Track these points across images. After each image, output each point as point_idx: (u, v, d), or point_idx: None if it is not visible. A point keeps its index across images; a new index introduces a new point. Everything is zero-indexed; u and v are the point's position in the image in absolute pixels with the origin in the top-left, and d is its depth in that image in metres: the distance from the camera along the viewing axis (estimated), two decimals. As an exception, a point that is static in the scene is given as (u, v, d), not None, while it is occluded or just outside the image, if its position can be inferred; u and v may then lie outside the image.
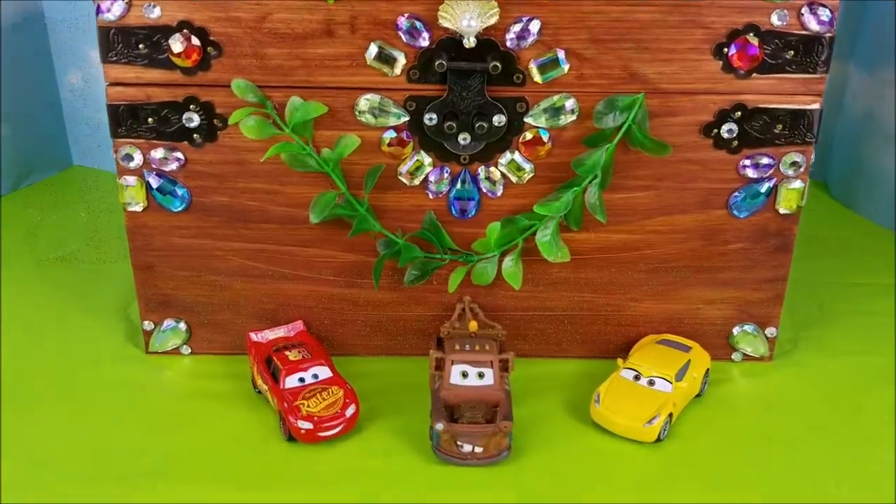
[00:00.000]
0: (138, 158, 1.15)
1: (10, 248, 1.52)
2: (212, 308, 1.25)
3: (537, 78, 1.10)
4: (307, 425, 1.10)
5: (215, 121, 1.13)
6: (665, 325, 1.25)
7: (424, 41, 1.09)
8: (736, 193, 1.17)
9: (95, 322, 1.34)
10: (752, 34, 1.08)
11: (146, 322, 1.26)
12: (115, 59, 1.10)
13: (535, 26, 1.08)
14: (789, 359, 1.28)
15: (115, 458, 1.10)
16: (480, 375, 1.10)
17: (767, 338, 1.27)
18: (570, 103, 1.12)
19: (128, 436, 1.13)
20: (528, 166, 1.16)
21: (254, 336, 1.22)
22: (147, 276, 1.23)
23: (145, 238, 1.20)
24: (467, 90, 1.10)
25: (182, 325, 1.26)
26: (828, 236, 1.57)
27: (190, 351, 1.28)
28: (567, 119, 1.12)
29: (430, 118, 1.12)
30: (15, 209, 1.65)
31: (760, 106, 1.12)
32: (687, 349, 1.20)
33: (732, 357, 1.28)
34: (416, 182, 1.17)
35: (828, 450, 1.12)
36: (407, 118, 1.12)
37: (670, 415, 1.13)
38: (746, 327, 1.27)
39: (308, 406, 1.11)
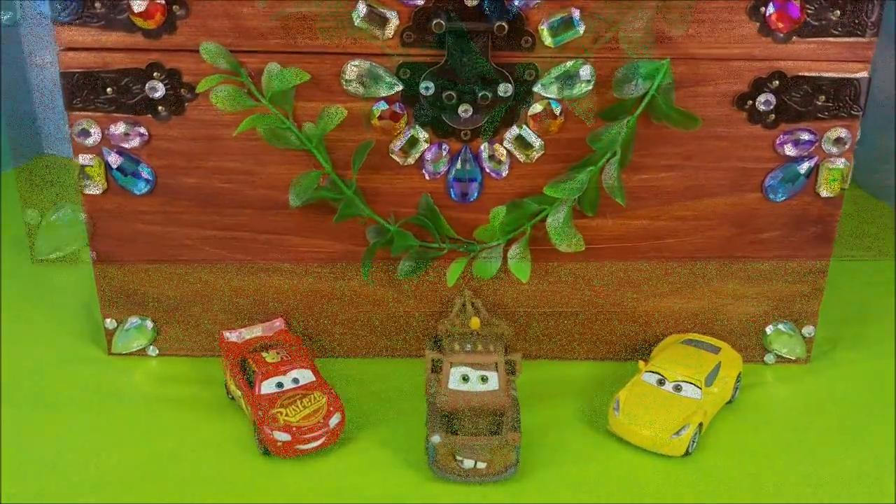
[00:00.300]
0: (96, 134, 1.12)
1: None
2: (181, 304, 1.21)
3: (548, 41, 1.06)
4: (284, 437, 1.05)
5: (182, 90, 1.09)
6: (689, 323, 1.22)
7: (420, -2, 1.03)
8: (772, 174, 1.13)
9: (53, 320, 1.31)
10: (793, -9, 1.03)
11: (108, 320, 1.23)
12: (67, 19, 1.06)
13: (546, -19, 1.02)
14: (827, 360, 1.25)
15: (69, 471, 1.05)
16: (483, 379, 1.06)
17: (805, 337, 1.24)
18: (585, 70, 1.07)
19: (84, 446, 1.09)
20: (537, 143, 1.11)
21: (228, 335, 1.18)
22: (108, 268, 1.19)
23: (105, 225, 1.16)
24: (469, 55, 1.05)
25: (148, 324, 1.23)
26: (858, 227, 1.56)
27: (157, 352, 1.24)
28: (582, 88, 1.08)
29: (426, 87, 1.07)
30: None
31: (801, 74, 1.08)
32: (716, 350, 1.17)
33: (765, 359, 1.25)
34: (411, 161, 1.12)
35: (871, 461, 1.08)
36: (400, 87, 1.08)
37: (700, 424, 1.09)
38: (781, 326, 1.23)
39: (286, 415, 1.06)
